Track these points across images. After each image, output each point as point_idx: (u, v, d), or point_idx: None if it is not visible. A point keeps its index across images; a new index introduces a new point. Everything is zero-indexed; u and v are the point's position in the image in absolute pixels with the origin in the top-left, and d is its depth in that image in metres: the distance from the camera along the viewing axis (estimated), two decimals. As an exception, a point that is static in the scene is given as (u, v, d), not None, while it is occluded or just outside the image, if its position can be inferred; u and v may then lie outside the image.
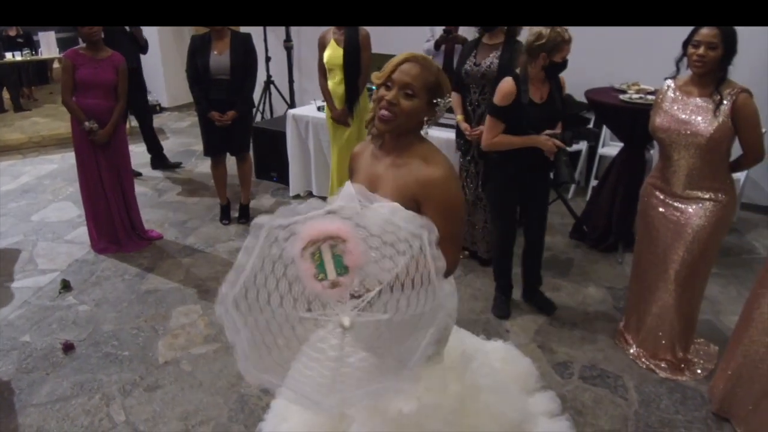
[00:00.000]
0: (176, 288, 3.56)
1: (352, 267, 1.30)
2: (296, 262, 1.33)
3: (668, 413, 2.57)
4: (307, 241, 1.30)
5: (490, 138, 2.87)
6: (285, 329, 1.41)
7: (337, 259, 1.28)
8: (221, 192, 4.49)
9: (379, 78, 1.58)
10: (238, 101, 4.08)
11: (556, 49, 2.73)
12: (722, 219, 2.55)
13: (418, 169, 1.56)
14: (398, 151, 1.62)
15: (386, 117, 1.55)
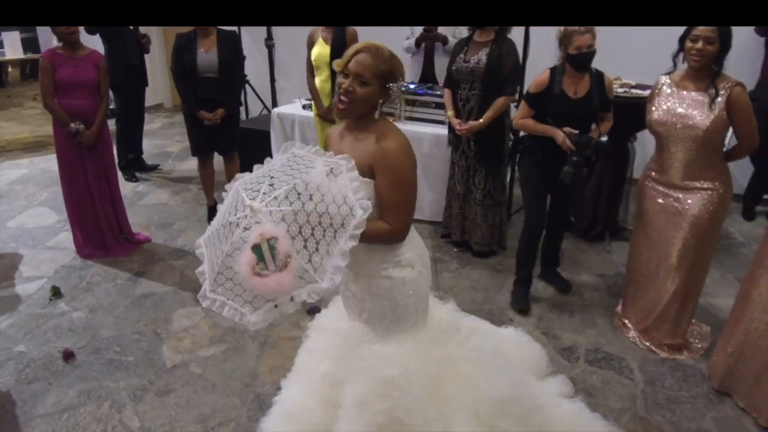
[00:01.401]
0: (172, 291, 3.49)
1: (282, 254, 1.50)
2: (243, 251, 1.52)
3: (672, 390, 2.69)
4: (255, 240, 1.49)
5: (518, 119, 3.09)
6: (222, 242, 1.62)
7: (272, 251, 1.48)
8: (209, 193, 4.41)
9: (338, 67, 1.76)
10: (227, 99, 4.03)
11: (568, 41, 2.86)
12: (719, 206, 2.67)
13: (375, 142, 1.74)
14: (359, 129, 1.81)
15: (342, 103, 1.74)
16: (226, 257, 1.58)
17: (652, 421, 2.50)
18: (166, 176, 5.51)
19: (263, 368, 2.81)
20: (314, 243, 1.54)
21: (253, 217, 1.52)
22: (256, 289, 1.52)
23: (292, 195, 1.54)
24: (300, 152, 1.71)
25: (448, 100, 3.59)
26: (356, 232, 1.57)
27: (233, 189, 1.67)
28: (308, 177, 1.57)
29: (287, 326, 3.15)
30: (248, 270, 1.50)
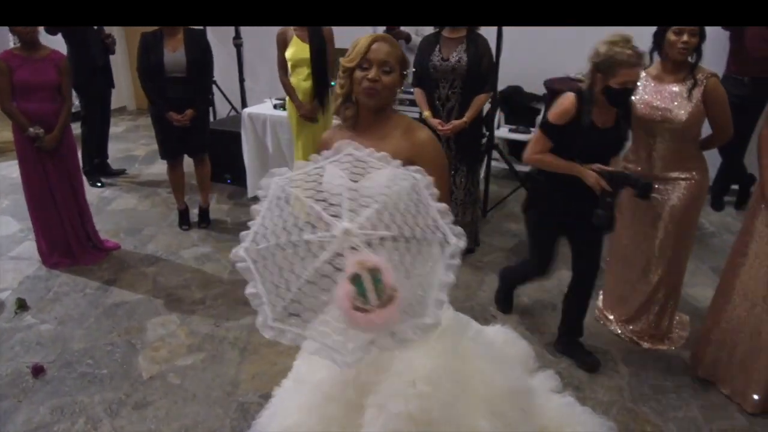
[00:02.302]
0: (145, 299, 3.36)
1: (387, 288, 1.33)
2: (337, 281, 1.35)
3: (657, 380, 2.71)
4: (354, 269, 1.33)
5: (533, 153, 2.52)
6: (296, 264, 1.41)
7: (377, 285, 1.31)
8: (179, 196, 4.28)
9: (352, 60, 1.68)
10: (196, 100, 3.91)
11: (610, 72, 2.29)
12: (697, 195, 2.70)
13: (408, 135, 1.71)
14: (378, 125, 1.74)
15: (369, 94, 1.66)
16: (307, 284, 1.38)
17: (640, 412, 2.51)
18: (133, 180, 5.33)
19: (245, 376, 2.73)
20: (416, 275, 1.41)
21: (345, 242, 1.35)
22: (358, 324, 1.35)
23: (385, 217, 1.39)
24: (363, 156, 1.51)
25: (422, 99, 3.51)
26: (453, 262, 1.43)
27: (279, 189, 1.47)
28: (395, 195, 1.42)
29: (267, 331, 3.06)
30: (347, 303, 1.32)
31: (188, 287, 3.50)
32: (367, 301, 1.31)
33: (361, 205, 1.41)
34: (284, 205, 1.47)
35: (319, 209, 1.40)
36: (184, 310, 3.25)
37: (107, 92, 5.14)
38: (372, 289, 1.30)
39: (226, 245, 4.03)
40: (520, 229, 4.22)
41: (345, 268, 1.34)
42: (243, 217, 4.53)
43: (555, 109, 2.46)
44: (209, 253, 3.93)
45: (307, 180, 1.51)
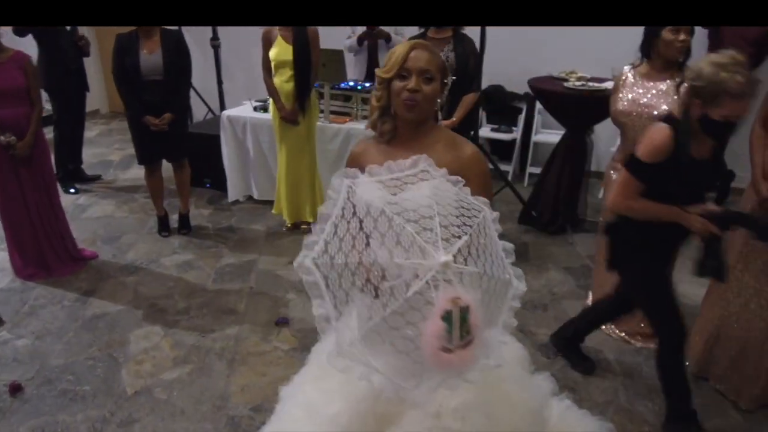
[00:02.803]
0: (126, 310, 3.25)
1: (473, 328, 1.24)
2: (429, 316, 1.24)
3: (651, 379, 2.69)
4: (447, 306, 1.23)
5: (625, 200, 2.11)
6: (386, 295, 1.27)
7: (463, 324, 1.22)
8: (158, 202, 4.16)
9: (390, 71, 1.58)
10: (174, 103, 3.80)
11: (713, 101, 1.92)
12: None
13: (454, 150, 1.62)
14: (419, 139, 1.63)
15: (410, 106, 1.57)
16: (393, 314, 1.25)
17: (636, 412, 2.51)
18: (109, 186, 5.18)
19: (234, 388, 2.64)
20: (488, 314, 1.32)
21: (442, 273, 1.23)
22: (439, 364, 1.25)
23: (473, 250, 1.30)
24: (438, 177, 1.40)
25: None
26: (515, 305, 1.38)
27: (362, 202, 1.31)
28: (477, 228, 1.32)
29: (255, 340, 2.99)
30: (436, 342, 1.21)
31: (171, 297, 3.39)
32: (451, 340, 1.21)
33: (453, 235, 1.30)
34: (364, 214, 1.31)
35: (412, 231, 1.26)
36: (168, 321, 3.15)
37: (81, 95, 4.97)
38: (458, 329, 1.21)
39: (208, 252, 3.93)
40: (504, 229, 4.19)
41: (438, 303, 1.22)
42: (224, 222, 4.44)
43: (646, 146, 2.07)
44: (191, 260, 3.83)
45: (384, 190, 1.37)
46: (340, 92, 4.42)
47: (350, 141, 4.31)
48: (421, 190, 1.39)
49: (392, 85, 1.58)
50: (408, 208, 1.31)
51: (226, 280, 3.58)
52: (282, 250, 4.01)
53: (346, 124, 4.35)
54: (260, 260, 3.86)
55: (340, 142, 4.35)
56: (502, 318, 1.37)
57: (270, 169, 4.69)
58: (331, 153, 4.39)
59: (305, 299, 3.40)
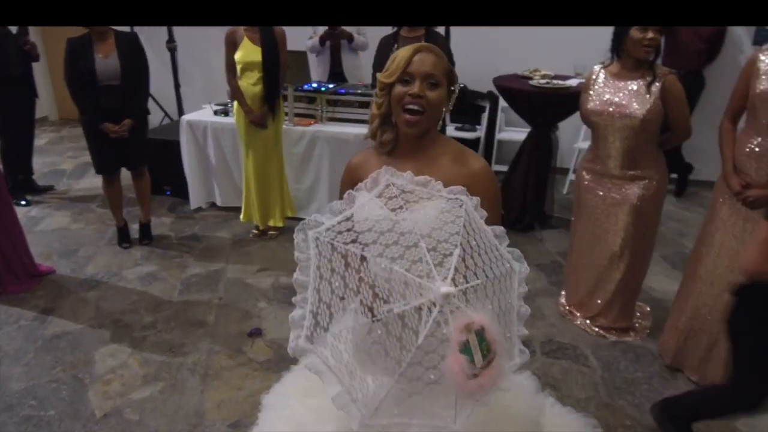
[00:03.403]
0: (89, 328, 3.09)
1: (492, 344, 1.18)
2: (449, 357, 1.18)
3: (628, 373, 2.75)
4: (462, 336, 1.16)
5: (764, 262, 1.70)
6: (391, 346, 1.22)
7: (482, 344, 1.16)
8: (117, 213, 3.98)
9: (392, 75, 1.46)
10: (133, 108, 3.64)
11: None
12: (657, 193, 2.75)
13: (461, 164, 1.51)
14: (423, 150, 1.51)
15: (415, 115, 1.44)
16: (410, 367, 1.18)
17: (617, 406, 2.53)
18: (63, 197, 4.94)
19: (209, 404, 2.54)
20: (503, 316, 1.27)
21: (446, 306, 1.15)
22: (472, 394, 1.18)
23: (468, 261, 1.23)
24: (403, 183, 1.35)
25: None
26: (522, 291, 1.33)
27: (327, 248, 1.24)
28: (464, 231, 1.26)
29: (227, 353, 2.89)
30: (462, 377, 1.14)
31: (136, 311, 3.24)
32: (475, 366, 1.15)
33: (442, 254, 1.22)
34: (343, 269, 1.23)
35: (401, 270, 1.18)
36: (134, 337, 3.01)
37: (29, 102, 4.71)
38: (479, 353, 1.15)
39: (172, 262, 3.78)
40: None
41: (452, 337, 1.14)
42: (187, 230, 4.29)
43: None
44: (155, 272, 3.68)
45: (359, 230, 1.27)
46: (304, 94, 4.34)
47: (316, 144, 4.24)
48: (423, 211, 1.33)
49: (393, 91, 1.45)
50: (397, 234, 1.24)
51: (192, 292, 3.45)
52: (250, 257, 3.90)
53: (311, 126, 4.27)
54: (228, 269, 3.74)
55: (305, 146, 4.27)
56: (515, 312, 1.31)
57: (233, 175, 4.57)
58: (297, 156, 4.31)
59: (277, 308, 3.32)
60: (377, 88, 1.51)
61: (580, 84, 3.88)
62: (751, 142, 2.31)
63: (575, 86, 3.84)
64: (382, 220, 1.28)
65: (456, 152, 1.53)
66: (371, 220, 1.29)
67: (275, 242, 4.14)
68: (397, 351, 1.21)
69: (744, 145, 2.34)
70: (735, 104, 2.40)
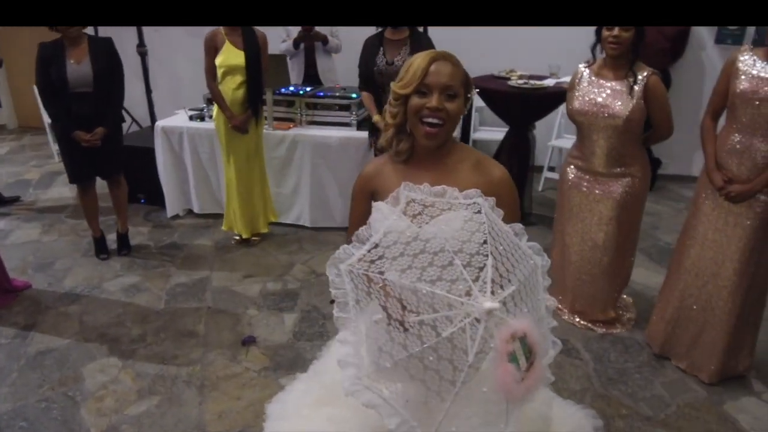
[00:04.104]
0: (74, 343, 2.99)
1: (534, 347, 1.22)
2: (498, 369, 1.21)
3: (619, 363, 2.84)
4: (508, 347, 1.19)
5: None
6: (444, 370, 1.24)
7: (525, 349, 1.20)
8: (93, 223, 3.86)
9: (407, 86, 1.43)
10: (106, 116, 3.54)
11: None
12: (640, 189, 2.84)
13: (481, 172, 1.50)
14: (440, 158, 1.51)
15: (435, 127, 1.43)
16: (464, 385, 1.21)
17: (612, 396, 2.61)
18: (31, 208, 4.75)
19: (209, 416, 2.50)
20: (536, 314, 1.29)
21: (489, 321, 1.18)
22: (521, 398, 1.23)
23: (501, 268, 1.25)
24: (423, 198, 1.36)
25: (371, 103, 3.43)
26: (546, 283, 1.35)
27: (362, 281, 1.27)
28: (490, 238, 1.27)
29: (222, 363, 2.84)
30: (513, 385, 1.18)
31: (122, 324, 3.16)
32: (520, 370, 1.19)
33: (477, 267, 1.24)
34: (384, 300, 1.25)
35: (442, 293, 1.19)
36: (124, 351, 2.93)
37: None
38: (522, 356, 1.19)
39: (154, 272, 3.70)
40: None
41: (497, 349, 1.18)
42: (166, 239, 4.20)
43: None
44: (137, 282, 3.59)
45: (389, 255, 1.26)
46: (282, 98, 4.31)
47: (296, 147, 4.21)
48: (447, 224, 1.33)
49: (410, 102, 1.43)
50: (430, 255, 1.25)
51: (179, 301, 3.39)
52: (235, 264, 3.85)
53: (291, 130, 4.24)
54: (213, 277, 3.68)
55: (285, 149, 4.23)
56: (543, 305, 1.35)
57: (210, 181, 4.50)
58: (277, 161, 4.27)
59: (267, 315, 3.29)
60: (391, 98, 1.49)
61: (556, 84, 4.01)
62: (732, 139, 2.42)
63: (552, 86, 3.94)
64: (412, 242, 1.28)
65: (475, 160, 1.52)
66: (400, 243, 1.28)
67: (258, 248, 4.10)
68: (450, 372, 1.22)
69: (725, 142, 2.45)
70: (715, 103, 2.51)
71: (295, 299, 3.43)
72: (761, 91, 2.29)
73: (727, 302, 2.53)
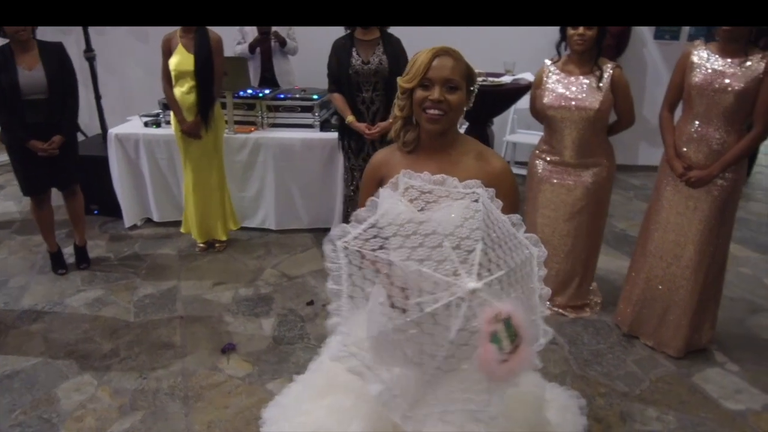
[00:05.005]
0: (42, 363, 2.85)
1: (519, 329, 1.26)
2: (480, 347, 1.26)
3: (592, 345, 2.98)
4: (491, 327, 1.24)
5: None
6: (426, 344, 1.29)
7: (509, 331, 1.25)
8: (50, 238, 3.68)
9: (412, 80, 1.52)
10: (62, 124, 3.39)
11: None
12: (608, 178, 2.99)
13: (480, 164, 1.57)
14: (444, 149, 1.59)
15: (434, 117, 1.52)
16: (446, 360, 1.28)
17: (589, 377, 2.74)
18: (-27, 225, 4.48)
19: (199, 427, 2.45)
20: (527, 301, 1.34)
21: (475, 300, 1.24)
22: (503, 378, 1.27)
23: (491, 253, 1.30)
24: (421, 184, 1.43)
25: (343, 105, 3.42)
26: (542, 273, 1.39)
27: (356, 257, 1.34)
28: (484, 225, 1.32)
29: (204, 372, 2.79)
30: (494, 365, 1.23)
31: (92, 339, 3.04)
32: (503, 351, 1.23)
33: (466, 250, 1.30)
34: (373, 275, 1.32)
35: (429, 271, 1.26)
36: (97, 367, 2.82)
37: None
38: (507, 337, 1.23)
39: (118, 285, 3.56)
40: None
41: (481, 329, 1.23)
42: (127, 249, 4.06)
43: None
44: (102, 296, 3.45)
45: (384, 235, 1.34)
46: (242, 101, 4.24)
47: (259, 151, 4.16)
48: (443, 210, 1.40)
49: (414, 95, 1.52)
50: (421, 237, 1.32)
51: (149, 313, 3.28)
52: (202, 272, 3.77)
53: (252, 133, 4.19)
54: (181, 286, 3.59)
55: (247, 153, 4.17)
56: (537, 294, 1.40)
57: (170, 188, 4.38)
58: (239, 165, 4.20)
59: (244, 321, 3.24)
60: (399, 92, 1.57)
61: (513, 80, 4.14)
62: (689, 129, 2.59)
63: (509, 83, 4.07)
64: (406, 224, 1.34)
65: (477, 152, 1.61)
66: (395, 225, 1.35)
67: (225, 254, 4.02)
68: (432, 347, 1.28)
69: (683, 131, 2.62)
70: (671, 95, 2.68)
71: (270, 304, 3.39)
72: (716, 82, 2.46)
73: (690, 281, 2.70)
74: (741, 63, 2.44)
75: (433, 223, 1.35)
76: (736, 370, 2.78)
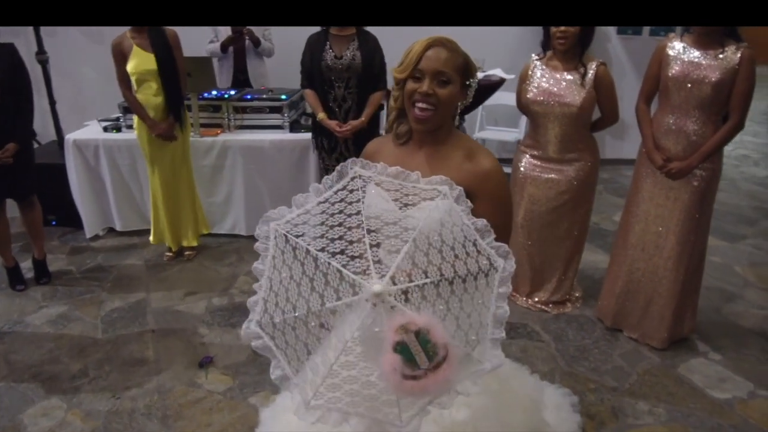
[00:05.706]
0: (6, 387, 2.66)
1: (439, 346, 1.15)
2: (384, 355, 1.16)
3: (578, 341, 2.97)
4: (396, 337, 1.14)
5: None
6: (325, 339, 1.25)
7: (426, 346, 1.13)
8: (6, 252, 3.46)
9: (404, 71, 1.46)
10: (16, 130, 3.18)
11: None
12: (592, 173, 2.98)
13: (468, 162, 1.49)
14: (434, 144, 1.53)
15: (425, 112, 1.45)
16: (343, 358, 1.21)
17: (578, 373, 2.72)
18: None
19: (180, 446, 2.32)
20: (466, 318, 1.21)
21: (379, 305, 1.14)
22: (411, 394, 1.17)
23: (419, 257, 1.19)
24: (372, 175, 1.35)
25: (315, 101, 3.33)
26: (503, 291, 1.25)
27: (282, 239, 1.27)
28: (424, 224, 1.22)
29: (182, 389, 2.65)
30: (396, 376, 1.13)
31: (57, 360, 2.86)
32: (417, 366, 1.12)
33: (390, 251, 1.21)
34: (292, 261, 1.26)
35: (337, 265, 1.19)
36: (66, 389, 2.65)
37: None
38: (421, 353, 1.12)
39: (83, 299, 3.38)
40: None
41: (386, 336, 1.13)
42: (90, 261, 3.86)
43: None
44: (66, 312, 3.26)
45: (312, 222, 1.28)
46: (207, 102, 4.08)
47: (226, 154, 4.02)
48: (380, 206, 1.34)
49: (405, 87, 1.46)
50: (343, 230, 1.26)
51: (119, 328, 3.11)
52: (172, 282, 3.61)
53: (219, 136, 4.04)
54: (151, 298, 3.42)
55: (215, 157, 4.02)
56: (490, 313, 1.25)
57: (133, 196, 4.19)
58: (206, 169, 4.05)
59: (220, 332, 3.11)
60: (394, 83, 1.51)
61: (485, 77, 4.11)
62: (666, 121, 2.61)
63: (481, 79, 4.04)
64: (336, 214, 1.29)
65: (468, 149, 1.52)
66: (326, 213, 1.30)
67: (195, 263, 3.87)
68: (332, 343, 1.23)
69: (660, 123, 2.63)
70: (648, 87, 2.69)
71: (246, 312, 3.23)
72: (692, 74, 2.48)
73: (672, 271, 2.72)
74: (716, 54, 2.46)
75: (360, 217, 1.28)
76: (719, 358, 2.81)
